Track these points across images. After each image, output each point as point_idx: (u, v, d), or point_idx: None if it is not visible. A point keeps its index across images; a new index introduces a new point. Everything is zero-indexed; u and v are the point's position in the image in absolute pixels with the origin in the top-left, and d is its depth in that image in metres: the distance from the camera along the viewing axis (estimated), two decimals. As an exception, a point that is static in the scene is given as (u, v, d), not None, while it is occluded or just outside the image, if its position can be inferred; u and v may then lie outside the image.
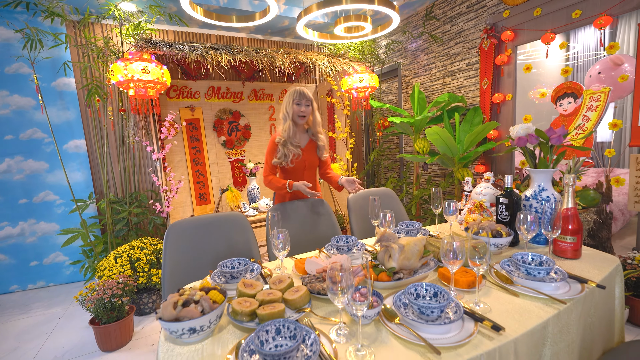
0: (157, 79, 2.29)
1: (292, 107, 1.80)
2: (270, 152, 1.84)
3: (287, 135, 1.80)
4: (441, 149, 2.66)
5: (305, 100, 1.80)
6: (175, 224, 1.52)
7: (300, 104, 1.80)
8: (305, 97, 1.80)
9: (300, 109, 1.80)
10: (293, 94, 1.80)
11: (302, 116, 1.81)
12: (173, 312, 0.74)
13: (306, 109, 1.81)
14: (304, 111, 1.81)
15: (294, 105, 1.80)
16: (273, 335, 0.71)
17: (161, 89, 2.40)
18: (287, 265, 1.26)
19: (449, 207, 1.40)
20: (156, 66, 2.27)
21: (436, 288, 0.85)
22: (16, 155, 3.03)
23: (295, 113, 1.80)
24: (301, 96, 1.80)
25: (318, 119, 1.90)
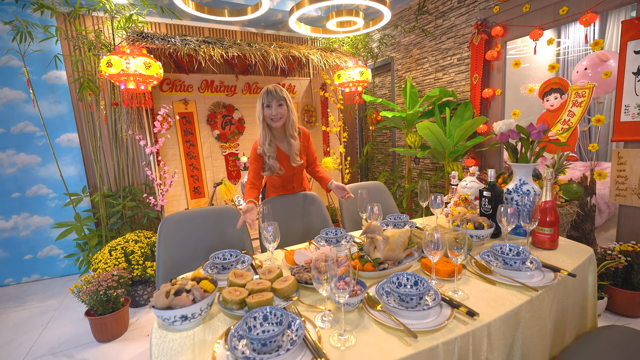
0: (155, 74, 2.29)
1: (263, 111, 1.60)
2: (253, 161, 1.70)
3: (265, 146, 1.64)
4: (432, 143, 2.70)
5: (276, 101, 1.57)
6: (168, 217, 1.55)
7: (271, 106, 1.57)
8: (276, 97, 1.56)
9: (272, 113, 1.57)
10: (261, 95, 1.58)
11: (276, 119, 1.59)
12: (165, 300, 0.78)
13: (279, 109, 1.58)
14: (276, 114, 1.57)
15: (264, 109, 1.59)
16: (260, 322, 0.76)
17: (155, 84, 2.41)
18: (278, 257, 1.30)
19: (435, 200, 1.45)
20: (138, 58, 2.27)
21: (417, 277, 0.90)
22: (8, 149, 3.01)
23: (266, 117, 1.60)
24: (270, 96, 1.56)
25: (293, 119, 1.65)
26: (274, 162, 1.68)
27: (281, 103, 1.59)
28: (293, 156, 1.72)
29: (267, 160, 1.68)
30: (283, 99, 1.60)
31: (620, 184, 2.02)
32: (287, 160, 1.75)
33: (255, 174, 1.71)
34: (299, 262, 1.11)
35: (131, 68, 2.16)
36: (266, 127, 1.64)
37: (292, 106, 1.65)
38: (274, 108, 1.58)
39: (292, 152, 1.71)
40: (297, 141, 1.72)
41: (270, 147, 1.66)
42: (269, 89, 1.58)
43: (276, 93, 1.57)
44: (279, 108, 1.59)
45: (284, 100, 1.60)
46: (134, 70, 2.17)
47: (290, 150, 1.72)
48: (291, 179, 1.88)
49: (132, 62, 2.16)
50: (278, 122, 1.61)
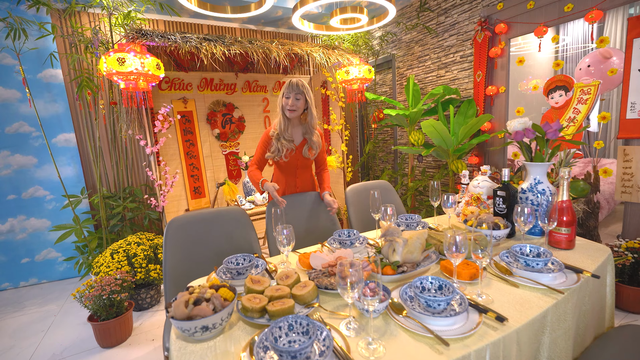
0: (155, 72, 2.24)
1: (282, 100, 1.69)
2: (262, 143, 1.78)
3: (279, 129, 1.73)
4: (436, 141, 2.69)
5: (294, 93, 1.66)
6: (174, 219, 1.51)
7: (289, 97, 1.66)
8: (295, 90, 1.65)
9: (288, 102, 1.66)
10: (284, 87, 1.70)
11: (291, 110, 1.68)
12: (185, 310, 0.75)
13: (295, 102, 1.66)
14: (293, 105, 1.66)
15: (284, 98, 1.69)
16: (286, 332, 0.73)
17: (154, 82, 2.35)
18: (291, 260, 1.27)
19: (448, 200, 1.43)
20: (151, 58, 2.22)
21: (440, 281, 0.88)
22: (3, 150, 2.94)
23: (284, 107, 1.69)
24: (290, 88, 1.66)
25: (313, 113, 1.76)
26: (284, 143, 1.73)
27: (299, 97, 1.67)
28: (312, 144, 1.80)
29: (276, 142, 1.73)
30: (301, 93, 1.68)
31: (626, 181, 2.03)
32: (299, 150, 1.79)
33: (259, 159, 1.80)
34: (316, 265, 1.08)
35: (130, 66, 2.10)
36: (284, 117, 1.72)
37: (311, 101, 1.72)
38: (291, 99, 1.67)
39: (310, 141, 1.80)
40: (318, 135, 1.82)
41: (286, 132, 1.74)
42: (291, 82, 1.68)
43: (297, 87, 1.67)
44: (295, 100, 1.67)
45: (302, 94, 1.68)
46: (134, 69, 2.11)
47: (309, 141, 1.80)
48: (294, 173, 1.87)
49: (130, 60, 2.11)
50: (292, 113, 1.69)
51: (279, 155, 1.75)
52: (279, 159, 1.77)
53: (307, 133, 1.79)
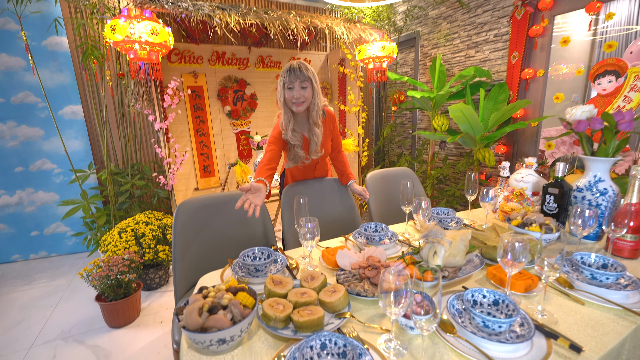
0: (164, 42, 2.07)
1: (284, 93, 1.37)
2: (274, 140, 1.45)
3: (288, 133, 1.42)
4: (463, 127, 2.50)
5: (299, 82, 1.34)
6: (184, 203, 1.40)
7: (293, 88, 1.35)
8: (299, 76, 1.33)
9: (293, 96, 1.35)
10: (283, 73, 1.35)
11: (298, 103, 1.37)
12: (198, 320, 0.64)
13: (302, 92, 1.35)
14: (299, 97, 1.35)
15: (286, 90, 1.36)
16: (318, 352, 0.61)
17: (165, 53, 2.19)
18: (313, 255, 1.15)
19: (487, 194, 1.28)
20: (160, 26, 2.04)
21: (496, 295, 0.75)
22: (8, 120, 2.84)
23: (287, 100, 1.38)
24: (293, 75, 1.32)
25: (318, 104, 1.42)
26: (299, 150, 1.49)
27: (305, 85, 1.36)
28: (312, 147, 1.51)
29: (293, 148, 1.49)
30: (308, 80, 1.36)
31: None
32: (309, 148, 1.56)
33: (273, 156, 1.40)
34: (343, 265, 0.96)
35: (136, 34, 1.93)
36: (288, 111, 1.42)
37: (318, 88, 1.42)
38: (296, 90, 1.35)
39: (312, 142, 1.50)
40: (321, 130, 1.50)
41: (294, 134, 1.45)
42: (292, 67, 1.33)
43: (300, 72, 1.33)
44: (302, 91, 1.36)
45: (309, 81, 1.37)
46: (140, 37, 1.94)
47: (311, 142, 1.52)
48: (313, 168, 1.71)
49: (138, 28, 1.93)
50: (300, 106, 1.39)
51: (299, 162, 1.54)
52: (301, 165, 1.58)
53: (311, 127, 1.47)
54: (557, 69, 2.91)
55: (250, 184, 1.14)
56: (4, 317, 2.14)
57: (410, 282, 0.63)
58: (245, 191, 1.12)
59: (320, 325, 0.71)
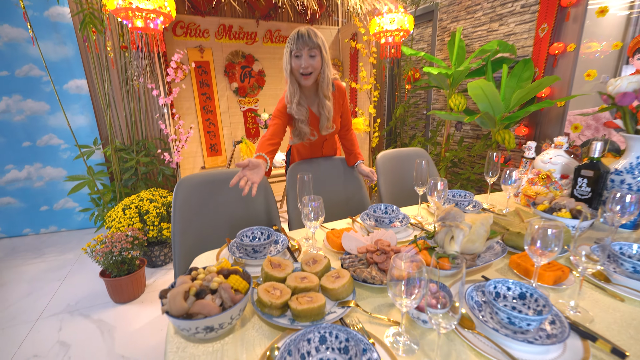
0: (159, 8, 1.94)
1: (291, 61, 1.25)
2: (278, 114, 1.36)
3: (293, 107, 1.32)
4: (482, 107, 2.33)
5: (307, 49, 1.22)
6: (185, 179, 1.33)
7: (301, 56, 1.23)
8: (308, 43, 1.21)
9: (301, 65, 1.23)
10: (290, 40, 1.24)
11: (306, 74, 1.26)
12: (184, 304, 0.57)
13: (310, 61, 1.23)
14: (307, 66, 1.23)
15: (293, 58, 1.24)
16: (317, 345, 0.54)
17: (165, 22, 2.07)
18: (317, 236, 1.07)
19: (510, 176, 1.16)
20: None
21: (524, 287, 0.65)
22: (14, 94, 2.81)
23: (293, 70, 1.26)
24: (301, 42, 1.20)
25: (327, 75, 1.31)
26: (304, 126, 1.38)
27: (314, 53, 1.24)
28: (324, 122, 1.40)
29: (297, 123, 1.38)
30: (317, 47, 1.24)
31: None
32: (318, 124, 1.45)
33: (277, 130, 1.32)
34: (349, 248, 0.88)
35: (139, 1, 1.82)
36: (294, 83, 1.31)
37: (327, 57, 1.29)
38: (304, 59, 1.23)
39: (322, 117, 1.39)
40: (331, 103, 1.39)
41: (300, 108, 1.34)
42: (300, 32, 1.22)
43: (309, 38, 1.21)
44: (310, 59, 1.24)
45: (319, 49, 1.25)
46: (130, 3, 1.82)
47: (321, 117, 1.40)
48: (321, 146, 1.61)
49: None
50: (308, 78, 1.27)
51: (304, 138, 1.44)
52: (307, 142, 1.48)
53: (321, 100, 1.36)
54: (588, 46, 2.68)
55: (248, 160, 1.04)
56: (14, 289, 2.17)
57: (425, 270, 0.55)
58: (242, 167, 1.03)
59: (320, 315, 0.63)
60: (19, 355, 1.59)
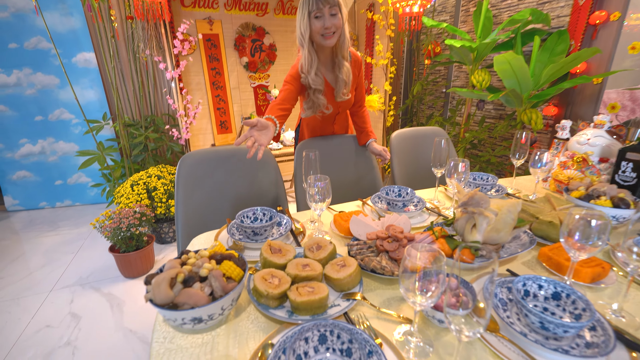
0: None
1: (310, 24, 1.13)
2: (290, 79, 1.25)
3: (310, 76, 1.21)
4: (508, 83, 2.15)
5: (328, 7, 1.11)
6: (188, 155, 1.27)
7: (322, 16, 1.11)
8: (329, 1, 1.10)
9: (324, 25, 1.12)
10: (306, 1, 1.12)
11: (328, 35, 1.14)
12: (169, 293, 0.51)
13: (333, 20, 1.12)
14: (330, 26, 1.12)
15: (312, 20, 1.13)
16: (315, 345, 0.47)
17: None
18: (324, 219, 1.00)
19: (540, 159, 1.04)
20: None
21: (559, 286, 0.57)
22: (24, 67, 2.78)
23: (316, 33, 1.15)
24: (322, 1, 1.09)
25: (347, 34, 1.22)
26: (320, 96, 1.28)
27: (335, 11, 1.13)
28: (339, 88, 1.30)
29: (312, 94, 1.27)
30: (337, 5, 1.13)
31: None
32: (332, 94, 1.35)
33: (288, 96, 1.22)
34: (357, 234, 0.80)
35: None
36: (312, 50, 1.20)
37: (346, 14, 1.18)
38: (326, 18, 1.12)
39: (340, 82, 1.29)
40: (348, 67, 1.29)
41: (317, 78, 1.23)
42: None
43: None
44: (332, 18, 1.13)
45: (339, 6, 1.14)
46: None
47: (338, 81, 1.30)
48: (332, 120, 1.50)
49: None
50: (331, 38, 1.16)
51: (317, 111, 1.33)
52: (319, 115, 1.38)
53: (339, 62, 1.27)
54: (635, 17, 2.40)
55: (257, 119, 0.95)
56: (30, 260, 2.22)
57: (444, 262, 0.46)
58: (250, 126, 0.94)
59: (322, 308, 0.56)
60: (33, 324, 1.63)
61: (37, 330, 1.59)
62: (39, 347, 1.49)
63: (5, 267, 2.14)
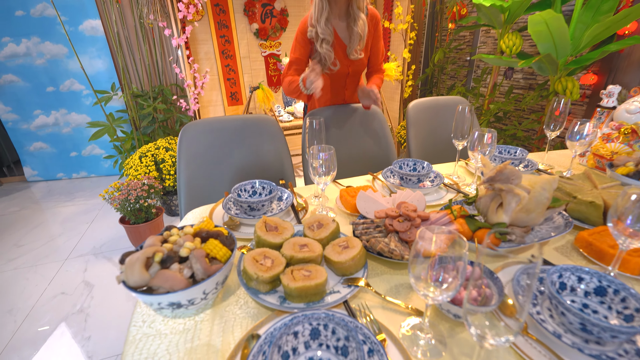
0: None
1: None
2: (298, 45, 1.22)
3: (319, 25, 1.14)
4: (543, 48, 1.93)
5: None
6: (190, 125, 1.21)
7: None
8: None
9: None
10: None
11: None
12: (144, 275, 0.45)
13: None
14: None
15: None
16: (306, 340, 0.40)
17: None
18: (330, 194, 0.92)
19: (580, 130, 0.90)
20: None
21: (605, 279, 0.47)
22: (32, 36, 2.73)
23: None
24: None
25: None
26: (327, 49, 1.18)
27: None
28: (353, 43, 1.20)
29: (319, 46, 1.18)
30: None
31: None
32: (343, 51, 1.24)
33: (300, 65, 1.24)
34: (364, 211, 0.71)
35: None
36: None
37: None
38: None
39: (354, 35, 1.19)
40: (364, 19, 1.19)
41: (326, 28, 1.14)
42: None
43: None
44: None
45: None
46: None
47: (352, 34, 1.19)
48: (343, 83, 1.38)
49: None
50: None
51: (326, 66, 1.23)
52: (327, 71, 1.26)
53: (354, 13, 1.18)
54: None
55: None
56: (48, 229, 2.28)
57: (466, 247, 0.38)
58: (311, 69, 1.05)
59: (318, 295, 0.49)
60: (49, 291, 1.68)
61: (53, 297, 1.63)
62: (54, 313, 1.53)
63: (26, 234, 2.21)
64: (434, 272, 0.41)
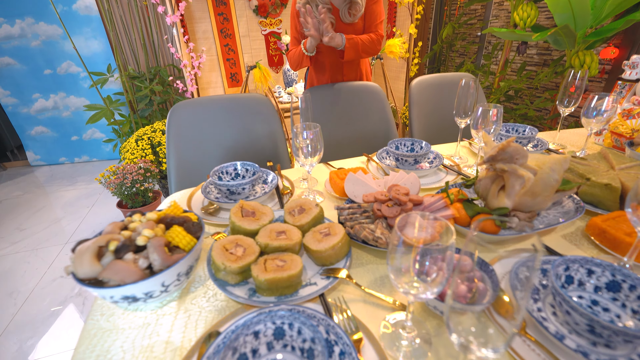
0: None
1: None
2: (294, 18, 1.27)
3: None
4: (560, 19, 1.78)
5: None
6: (179, 105, 1.16)
7: None
8: None
9: None
10: None
11: None
12: (94, 265, 0.40)
13: None
14: None
15: None
16: (269, 340, 0.36)
17: None
18: (319, 177, 0.86)
19: (598, 106, 0.82)
20: None
21: (619, 272, 0.41)
22: (26, 16, 2.66)
23: None
24: None
25: None
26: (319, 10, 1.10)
27: None
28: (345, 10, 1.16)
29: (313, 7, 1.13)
30: None
31: None
32: (337, 16, 1.20)
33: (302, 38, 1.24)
34: (353, 195, 0.65)
35: None
36: None
37: None
38: None
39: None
40: None
41: None
42: None
43: None
44: None
45: None
46: None
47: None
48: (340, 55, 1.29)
49: None
50: None
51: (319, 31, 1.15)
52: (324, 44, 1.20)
53: None
54: None
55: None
56: (50, 212, 2.30)
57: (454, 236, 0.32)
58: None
59: (291, 288, 0.44)
60: (49, 274, 1.69)
61: (53, 280, 1.64)
62: (54, 296, 1.54)
63: (29, 218, 2.22)
64: (417, 264, 0.35)
